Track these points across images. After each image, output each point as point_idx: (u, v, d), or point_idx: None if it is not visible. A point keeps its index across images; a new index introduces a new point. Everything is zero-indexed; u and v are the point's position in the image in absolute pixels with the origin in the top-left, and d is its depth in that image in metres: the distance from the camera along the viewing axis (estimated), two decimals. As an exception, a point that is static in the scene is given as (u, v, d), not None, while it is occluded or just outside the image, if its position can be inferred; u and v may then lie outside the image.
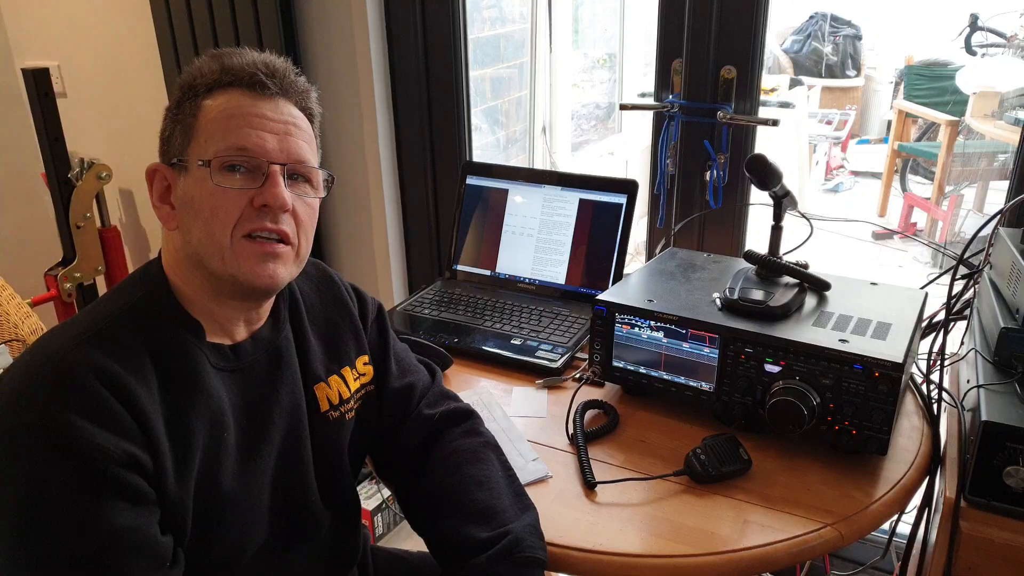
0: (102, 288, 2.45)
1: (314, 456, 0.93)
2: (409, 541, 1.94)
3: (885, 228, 4.16)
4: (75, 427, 0.68)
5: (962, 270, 1.19)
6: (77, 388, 0.70)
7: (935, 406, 1.11)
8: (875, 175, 4.86)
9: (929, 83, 4.40)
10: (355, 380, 0.98)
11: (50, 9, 2.30)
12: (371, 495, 1.99)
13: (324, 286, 1.00)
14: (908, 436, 1.08)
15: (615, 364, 1.17)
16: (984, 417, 0.87)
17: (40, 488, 0.68)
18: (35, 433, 0.68)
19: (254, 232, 0.79)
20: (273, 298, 0.90)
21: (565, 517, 0.95)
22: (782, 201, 1.21)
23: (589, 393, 1.21)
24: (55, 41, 2.34)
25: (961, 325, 1.21)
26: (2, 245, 2.52)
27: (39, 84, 2.18)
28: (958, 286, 1.19)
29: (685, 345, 1.10)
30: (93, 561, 0.69)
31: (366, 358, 1.01)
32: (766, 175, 1.14)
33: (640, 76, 4.14)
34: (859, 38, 5.44)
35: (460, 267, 1.63)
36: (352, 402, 0.98)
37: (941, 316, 1.18)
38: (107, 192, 2.37)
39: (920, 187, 4.40)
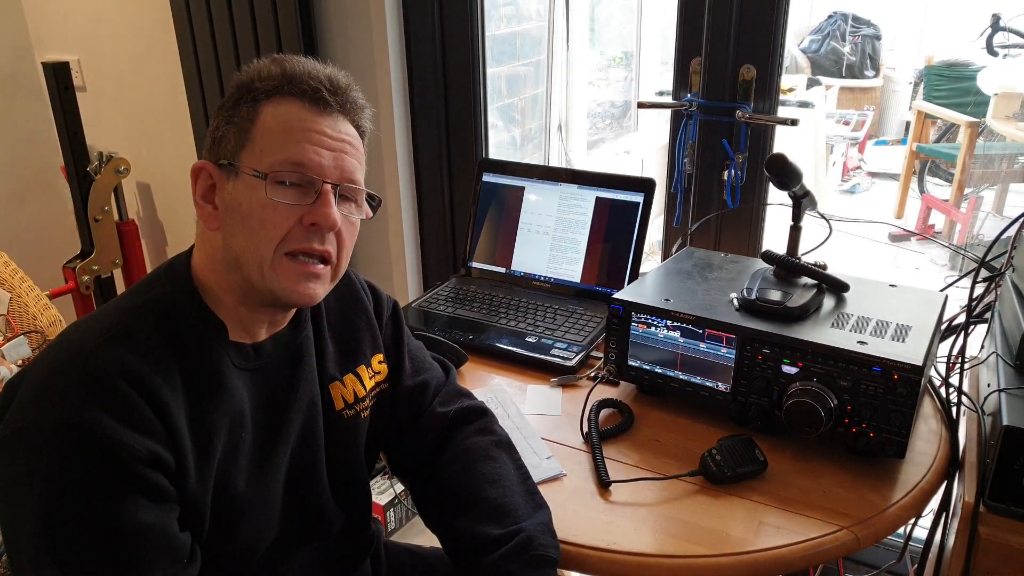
0: (119, 281, 2.47)
1: (328, 455, 0.93)
2: (422, 536, 1.94)
3: (903, 229, 4.12)
4: (100, 424, 0.69)
5: (983, 273, 1.18)
6: (103, 385, 0.71)
7: (954, 410, 1.10)
8: (892, 176, 4.82)
9: (949, 84, 4.36)
10: (370, 379, 0.98)
11: (71, 4, 2.32)
12: (384, 490, 1.99)
13: (341, 284, 0.99)
14: (926, 440, 1.07)
15: (630, 363, 1.16)
16: (1005, 422, 0.86)
17: (64, 483, 0.68)
18: (60, 429, 0.69)
19: (298, 252, 0.79)
20: None
21: (579, 516, 0.95)
22: (801, 201, 1.20)
23: (604, 392, 1.21)
24: (75, 35, 2.36)
25: (981, 329, 1.20)
26: (21, 237, 2.54)
27: (59, 78, 2.20)
28: (979, 289, 1.18)
29: (702, 345, 1.09)
30: (115, 556, 0.70)
31: (381, 356, 1.01)
32: (786, 175, 1.13)
33: (656, 75, 4.12)
34: (878, 38, 5.40)
35: (475, 264, 1.63)
36: (367, 400, 0.98)
37: (961, 319, 1.17)
38: (125, 186, 2.38)
39: (938, 189, 4.35)
